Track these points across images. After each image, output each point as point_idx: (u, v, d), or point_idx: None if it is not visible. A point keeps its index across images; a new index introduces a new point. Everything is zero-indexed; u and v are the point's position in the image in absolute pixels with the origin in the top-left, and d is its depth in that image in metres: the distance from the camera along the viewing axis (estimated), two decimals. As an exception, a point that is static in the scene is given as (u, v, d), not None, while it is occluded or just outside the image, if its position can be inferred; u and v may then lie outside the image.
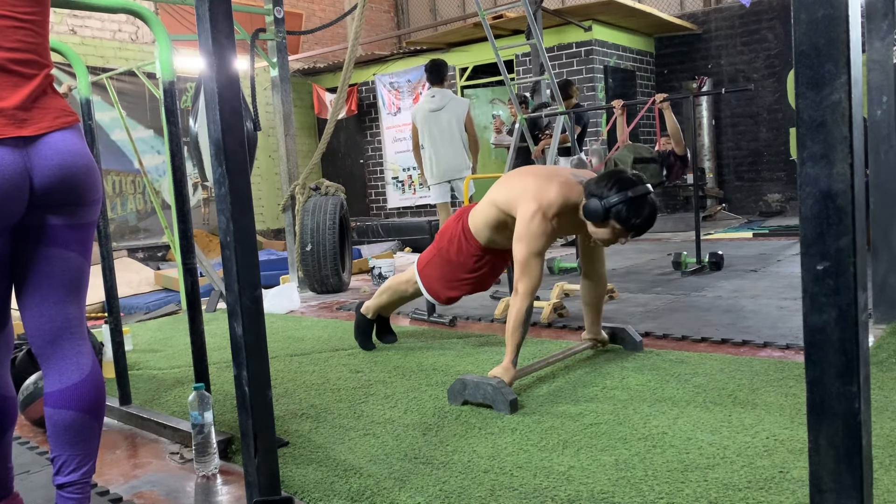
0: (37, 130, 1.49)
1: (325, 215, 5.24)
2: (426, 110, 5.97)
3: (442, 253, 3.01)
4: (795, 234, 6.12)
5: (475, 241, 2.91)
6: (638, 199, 2.43)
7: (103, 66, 7.88)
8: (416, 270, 3.09)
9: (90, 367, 1.60)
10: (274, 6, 5.25)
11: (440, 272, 3.01)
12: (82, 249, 1.60)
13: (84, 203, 1.57)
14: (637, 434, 2.04)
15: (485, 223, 2.85)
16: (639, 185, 2.45)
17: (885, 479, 1.65)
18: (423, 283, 3.06)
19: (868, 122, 3.06)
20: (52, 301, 1.57)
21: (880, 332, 2.93)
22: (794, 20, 0.98)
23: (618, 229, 2.49)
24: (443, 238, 3.03)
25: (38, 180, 1.49)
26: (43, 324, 1.57)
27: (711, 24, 9.89)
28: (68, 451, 1.57)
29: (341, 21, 7.40)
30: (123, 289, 4.81)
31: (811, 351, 1.01)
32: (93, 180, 1.58)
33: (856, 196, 0.95)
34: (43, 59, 1.56)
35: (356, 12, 5.04)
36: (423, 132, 5.98)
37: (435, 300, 3.09)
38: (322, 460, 2.02)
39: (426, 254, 3.10)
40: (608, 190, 2.45)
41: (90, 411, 1.59)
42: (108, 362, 2.97)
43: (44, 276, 1.55)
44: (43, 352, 1.59)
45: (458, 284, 3.01)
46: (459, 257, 2.95)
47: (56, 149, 1.51)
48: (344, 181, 8.89)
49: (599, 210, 2.45)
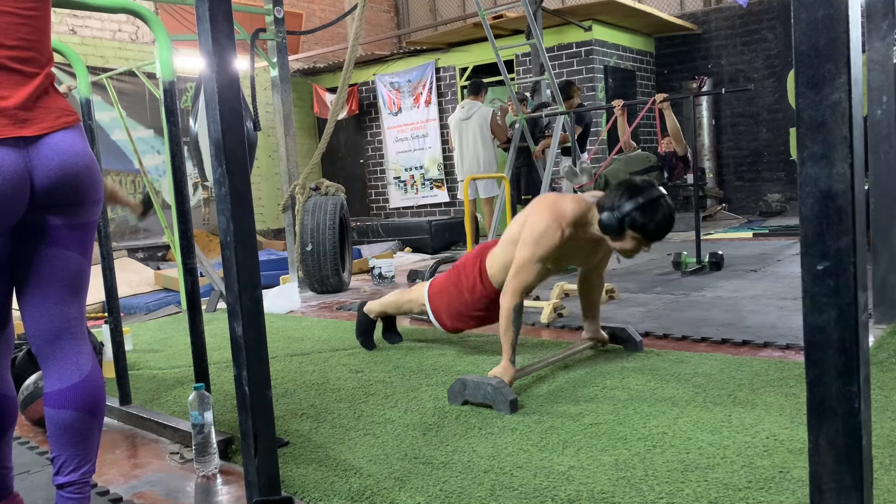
0: (38, 131, 1.49)
1: (325, 215, 5.24)
2: (457, 119, 7.14)
3: (456, 287, 2.94)
4: (795, 234, 6.12)
5: (490, 285, 2.84)
6: (650, 203, 2.41)
7: (103, 66, 7.87)
8: (427, 296, 3.04)
9: (90, 368, 1.60)
10: (274, 6, 5.25)
11: (450, 305, 2.96)
12: (83, 249, 1.60)
13: (85, 203, 1.57)
14: (637, 434, 2.04)
15: (502, 265, 2.76)
16: (650, 189, 2.43)
17: (885, 479, 1.65)
18: (431, 310, 3.03)
19: (868, 122, 3.06)
20: (52, 301, 1.57)
21: (880, 332, 2.93)
22: (794, 20, 0.98)
23: (636, 238, 2.46)
24: (460, 274, 2.95)
25: (39, 181, 1.49)
26: (43, 324, 1.57)
27: (711, 24, 9.89)
28: (68, 451, 1.57)
29: (341, 21, 7.40)
30: (123, 289, 4.81)
31: (811, 351, 1.01)
32: (94, 180, 1.58)
33: (856, 196, 0.95)
34: (44, 57, 1.56)
35: (356, 12, 5.04)
36: (455, 138, 7.20)
37: (440, 327, 3.07)
38: (322, 460, 2.02)
39: (440, 282, 3.04)
40: (619, 200, 2.43)
41: (89, 411, 1.59)
42: (108, 362, 2.97)
43: (44, 276, 1.55)
44: (42, 352, 1.59)
45: (465, 319, 2.97)
46: (472, 296, 2.89)
47: (57, 149, 1.51)
48: (344, 181, 8.87)
49: (614, 221, 2.43)
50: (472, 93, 7.14)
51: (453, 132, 7.20)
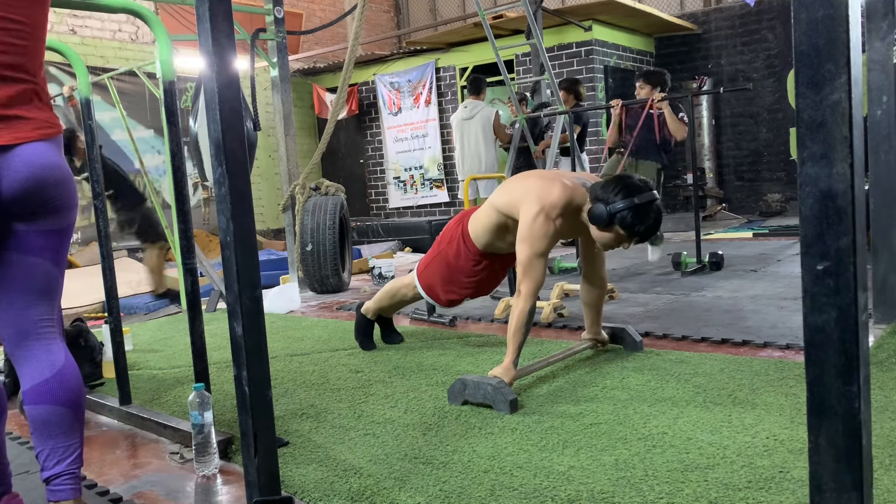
0: (11, 140, 1.49)
1: (325, 215, 5.24)
2: (460, 118, 7.12)
3: (441, 256, 3.00)
4: (795, 234, 6.12)
5: (473, 245, 2.91)
6: (644, 206, 2.42)
7: (103, 66, 7.87)
8: (416, 277, 3.08)
9: (62, 362, 1.61)
10: (274, 6, 5.24)
11: (439, 275, 3.01)
12: (53, 255, 1.60)
13: (53, 210, 1.56)
14: (637, 434, 2.04)
15: (485, 228, 2.84)
16: (645, 191, 2.44)
17: (885, 479, 1.65)
18: (422, 286, 3.05)
19: (868, 122, 3.05)
20: (19, 306, 1.57)
21: (880, 332, 2.93)
22: (794, 20, 0.98)
23: (621, 235, 2.48)
24: (442, 241, 3.02)
25: (6, 190, 1.48)
26: (9, 328, 1.58)
27: (711, 24, 9.89)
28: (50, 445, 1.59)
29: (341, 21, 7.40)
30: (123, 289, 4.80)
31: (811, 351, 1.01)
32: (62, 192, 1.57)
33: (856, 196, 0.95)
34: (34, 65, 1.56)
35: (356, 12, 5.04)
36: (456, 137, 7.19)
37: (435, 303, 3.09)
38: (322, 460, 2.02)
39: (425, 259, 3.10)
40: (614, 195, 2.43)
41: (65, 403, 1.59)
42: (108, 362, 2.97)
43: (10, 281, 1.56)
44: (14, 354, 1.61)
45: (457, 288, 3.00)
46: (458, 261, 2.94)
47: (26, 161, 1.50)
48: (344, 181, 8.87)
49: (604, 215, 2.44)
50: (473, 92, 7.14)
51: (455, 131, 7.24)
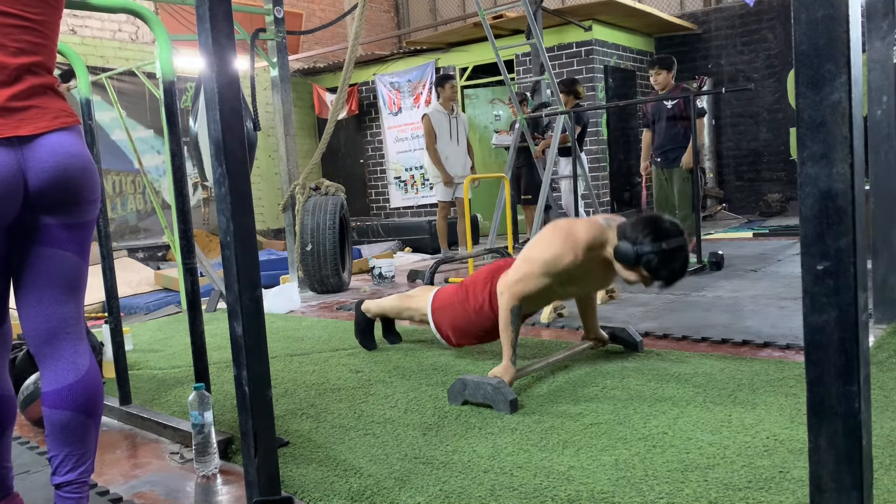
0: (33, 130, 1.48)
1: (325, 215, 5.24)
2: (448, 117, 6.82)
3: (462, 306, 2.89)
4: (795, 234, 6.12)
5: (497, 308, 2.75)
6: (671, 251, 2.38)
7: (103, 65, 7.87)
8: (430, 309, 3.00)
9: (87, 367, 1.60)
10: (274, 6, 5.24)
11: (455, 323, 2.92)
12: (79, 249, 1.59)
13: (80, 203, 1.56)
14: (637, 434, 2.04)
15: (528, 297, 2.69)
16: (675, 236, 2.40)
17: (885, 479, 1.65)
18: (434, 325, 2.99)
19: (868, 122, 3.06)
20: (49, 301, 1.56)
21: (880, 332, 2.93)
22: (794, 20, 0.98)
23: (645, 276, 2.45)
24: (468, 292, 2.90)
25: (33, 182, 1.48)
26: (39, 324, 1.56)
27: (711, 24, 9.89)
28: (65, 451, 1.57)
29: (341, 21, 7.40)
30: (123, 289, 4.81)
31: (811, 351, 1.01)
32: (89, 181, 1.57)
33: (856, 196, 0.95)
34: (49, 62, 1.56)
35: (356, 12, 5.04)
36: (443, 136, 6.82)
37: (444, 342, 3.04)
38: (322, 460, 2.02)
39: (445, 297, 2.99)
40: (643, 237, 2.39)
41: (86, 411, 1.58)
42: (108, 362, 2.97)
43: (40, 276, 1.55)
44: (40, 351, 1.58)
45: (470, 337, 2.94)
46: (479, 317, 2.85)
47: (52, 150, 1.50)
48: (344, 181, 8.86)
49: (631, 254, 2.40)
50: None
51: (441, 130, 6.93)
